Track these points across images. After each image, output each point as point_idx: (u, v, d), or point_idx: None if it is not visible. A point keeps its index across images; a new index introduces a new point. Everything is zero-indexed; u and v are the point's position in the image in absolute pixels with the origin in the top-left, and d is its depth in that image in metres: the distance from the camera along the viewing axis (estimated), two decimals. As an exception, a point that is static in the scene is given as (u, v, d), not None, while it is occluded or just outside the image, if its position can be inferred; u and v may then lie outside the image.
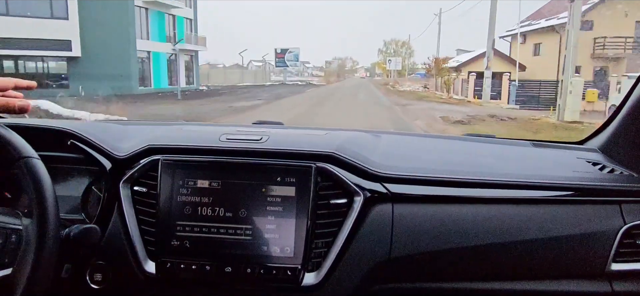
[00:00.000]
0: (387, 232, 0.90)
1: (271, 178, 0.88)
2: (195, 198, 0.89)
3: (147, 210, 0.91)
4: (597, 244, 0.91)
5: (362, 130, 1.20)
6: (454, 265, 0.92)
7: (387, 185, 0.93)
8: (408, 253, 0.89)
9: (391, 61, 48.08)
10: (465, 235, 0.90)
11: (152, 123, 1.29)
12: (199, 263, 0.87)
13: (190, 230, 0.88)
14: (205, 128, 1.17)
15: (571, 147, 1.27)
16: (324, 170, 0.89)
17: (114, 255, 0.91)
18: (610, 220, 0.92)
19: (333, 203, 0.89)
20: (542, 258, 0.91)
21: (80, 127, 1.02)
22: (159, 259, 0.88)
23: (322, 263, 0.87)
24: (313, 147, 0.94)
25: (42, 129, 1.03)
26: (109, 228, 0.92)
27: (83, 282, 0.92)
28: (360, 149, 0.99)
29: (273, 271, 0.86)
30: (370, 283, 0.90)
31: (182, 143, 0.96)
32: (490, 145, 1.24)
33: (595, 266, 0.91)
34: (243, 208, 0.88)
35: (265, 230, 0.87)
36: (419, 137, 1.35)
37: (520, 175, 0.97)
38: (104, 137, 1.01)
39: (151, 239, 0.90)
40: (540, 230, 0.90)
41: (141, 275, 0.89)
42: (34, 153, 0.75)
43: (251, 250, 0.87)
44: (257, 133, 1.00)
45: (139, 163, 0.94)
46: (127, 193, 0.93)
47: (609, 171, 1.04)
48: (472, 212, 0.92)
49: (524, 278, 0.93)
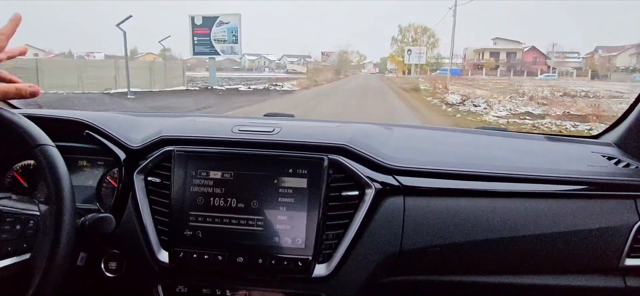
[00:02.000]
0: (398, 225, 0.89)
1: (283, 169, 0.89)
2: (207, 189, 0.90)
3: (161, 200, 0.92)
4: (611, 239, 0.90)
5: (374, 123, 1.20)
6: (465, 258, 0.91)
7: (399, 177, 0.92)
8: (419, 245, 0.89)
9: (411, 51, 36.65)
10: (477, 229, 0.90)
11: (165, 115, 1.30)
12: (211, 253, 0.88)
13: (202, 220, 0.89)
14: (217, 120, 1.18)
15: (586, 141, 1.26)
16: (335, 162, 0.90)
17: (128, 244, 0.93)
18: (624, 215, 0.91)
19: (344, 195, 0.89)
20: (554, 252, 0.90)
21: (95, 117, 1.03)
22: (172, 249, 0.89)
23: (333, 254, 0.88)
24: (325, 139, 0.94)
25: (58, 120, 1.04)
26: (124, 218, 0.94)
27: (98, 270, 0.93)
28: (372, 141, 0.99)
29: (284, 262, 0.86)
30: (381, 275, 0.90)
31: (195, 135, 0.97)
32: (503, 139, 1.23)
33: (609, 261, 0.90)
34: (255, 199, 0.88)
35: (277, 221, 0.87)
36: (430, 130, 1.34)
37: (534, 168, 0.96)
38: (118, 128, 1.02)
39: (164, 229, 0.91)
40: (553, 224, 0.90)
41: (154, 264, 0.90)
42: (50, 141, 0.76)
43: (263, 241, 0.87)
44: (269, 124, 1.01)
45: (152, 154, 0.95)
46: (141, 183, 0.94)
47: (624, 165, 1.02)
48: (484, 205, 0.92)
49: (537, 272, 0.92)
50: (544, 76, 35.27)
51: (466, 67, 39.31)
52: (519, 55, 43.29)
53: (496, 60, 43.21)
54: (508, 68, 41.66)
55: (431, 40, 42.82)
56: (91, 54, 38.22)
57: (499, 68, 42.01)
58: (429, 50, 40.99)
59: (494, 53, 43.91)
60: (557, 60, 40.53)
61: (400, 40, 45.04)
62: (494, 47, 44.37)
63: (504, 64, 42.81)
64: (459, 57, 40.83)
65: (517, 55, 43.37)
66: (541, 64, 41.34)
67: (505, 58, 43.49)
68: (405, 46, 40.65)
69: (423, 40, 42.53)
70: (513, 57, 43.40)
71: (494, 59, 43.39)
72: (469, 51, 45.24)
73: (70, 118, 1.03)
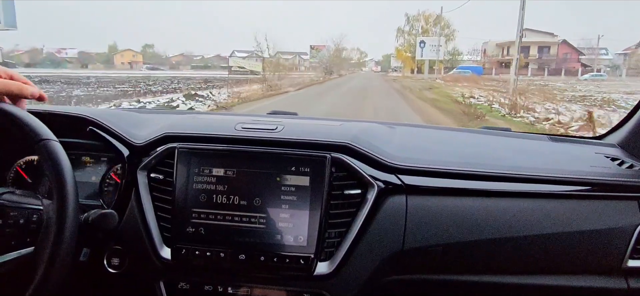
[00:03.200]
0: (400, 224, 0.89)
1: (286, 167, 0.89)
2: (210, 186, 0.90)
3: (164, 197, 0.92)
4: (613, 240, 0.90)
5: (377, 122, 1.20)
6: (468, 258, 0.91)
7: (402, 176, 0.92)
8: (421, 245, 0.89)
9: (424, 44, 30.15)
10: (480, 228, 0.90)
11: (168, 112, 1.30)
12: (214, 250, 0.88)
13: (205, 217, 0.89)
14: (220, 117, 1.18)
15: (590, 141, 1.25)
16: (338, 161, 0.90)
17: (130, 240, 0.93)
18: (628, 216, 0.90)
19: (347, 194, 0.89)
20: (557, 253, 0.90)
21: (98, 114, 1.04)
22: (174, 245, 0.89)
23: (335, 253, 0.88)
24: (328, 137, 0.94)
25: (61, 116, 1.04)
26: (126, 214, 0.94)
27: (101, 266, 0.94)
28: (375, 140, 0.99)
29: (286, 260, 0.86)
30: (383, 273, 0.90)
31: (198, 132, 0.97)
32: (507, 139, 1.23)
33: (612, 262, 0.90)
34: (257, 196, 0.88)
35: (279, 218, 0.88)
36: (434, 129, 1.34)
37: (537, 169, 0.96)
38: (122, 125, 1.02)
39: (167, 226, 0.91)
40: (556, 225, 0.89)
41: (157, 260, 0.90)
42: (53, 136, 0.77)
43: (265, 239, 0.87)
44: (272, 122, 1.01)
45: (155, 151, 0.95)
46: (144, 180, 0.94)
47: (628, 167, 1.02)
48: (487, 205, 0.92)
49: (539, 272, 0.92)
50: (590, 76, 28.54)
51: (486, 64, 32.80)
52: (553, 50, 34.99)
53: (526, 55, 34.01)
54: (540, 65, 34.02)
55: (446, 31, 34.93)
56: (63, 51, 36.41)
57: (529, 65, 33.78)
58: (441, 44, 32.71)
59: (522, 47, 33.63)
60: (589, 57, 33.99)
61: (408, 31, 37.27)
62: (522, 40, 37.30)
63: (534, 60, 34.73)
64: (476, 52, 34.43)
65: (551, 50, 35.15)
66: (573, 61, 34.62)
67: (537, 53, 35.40)
68: (416, 38, 33.55)
69: (435, 31, 34.67)
70: (546, 52, 35.27)
71: (523, 55, 32.83)
72: (490, 45, 37.18)
73: (73, 115, 1.03)
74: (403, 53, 38.88)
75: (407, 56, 37.69)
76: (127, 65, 40.74)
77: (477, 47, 36.25)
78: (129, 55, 42.14)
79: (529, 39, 33.70)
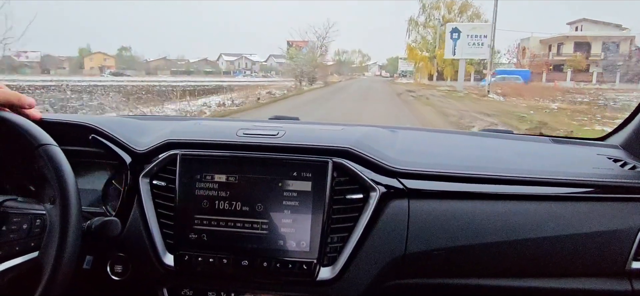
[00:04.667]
0: (403, 228, 0.89)
1: (287, 173, 0.89)
2: (212, 193, 0.90)
3: (166, 204, 0.93)
4: (617, 242, 0.89)
5: (379, 126, 1.20)
6: (470, 262, 0.91)
7: (404, 180, 0.92)
8: (424, 249, 0.89)
9: (458, 34, 19.38)
10: (483, 232, 0.89)
11: (169, 118, 1.30)
12: (217, 257, 0.88)
13: (207, 223, 0.89)
14: (222, 124, 1.18)
15: (592, 143, 1.25)
16: (340, 165, 0.90)
17: (133, 247, 0.93)
18: (631, 217, 0.90)
19: (349, 199, 0.89)
20: (560, 255, 0.90)
21: (100, 121, 1.04)
22: (177, 252, 0.90)
23: (338, 258, 0.88)
24: (329, 142, 0.94)
25: (63, 124, 1.05)
26: (129, 221, 0.94)
27: (104, 273, 0.94)
28: (377, 144, 0.99)
29: (289, 266, 0.86)
30: (385, 278, 0.90)
31: (200, 138, 0.97)
32: (508, 141, 1.22)
33: (615, 264, 0.90)
34: (260, 202, 0.88)
35: (282, 224, 0.88)
36: (435, 133, 1.34)
37: (539, 171, 0.95)
38: (124, 132, 1.03)
39: (170, 232, 0.91)
40: (559, 227, 0.89)
41: (160, 267, 0.90)
42: (52, 141, 0.77)
43: (267, 244, 0.87)
44: (273, 128, 1.01)
45: (157, 158, 0.95)
46: (146, 187, 0.95)
47: (631, 168, 1.01)
48: (489, 209, 0.91)
49: (542, 275, 0.92)
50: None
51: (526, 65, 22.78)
52: (624, 47, 22.66)
53: (585, 54, 24.87)
54: (608, 67, 22.30)
55: (476, 21, 24.13)
56: (22, 54, 31.42)
57: (590, 69, 24.11)
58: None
59: (580, 44, 25.21)
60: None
61: (424, 22, 26.52)
62: (578, 35, 25.39)
63: (599, 61, 24.15)
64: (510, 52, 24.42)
65: (621, 47, 23.02)
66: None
67: (601, 52, 24.38)
68: (436, 31, 23.20)
69: (456, 19, 24.71)
70: (614, 50, 23.22)
71: (582, 53, 24.88)
72: (532, 42, 26.72)
73: (75, 122, 1.04)
74: (417, 51, 27.43)
75: (423, 56, 26.91)
76: (97, 70, 35.60)
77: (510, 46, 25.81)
78: (99, 59, 37.11)
79: (589, 31, 25.49)
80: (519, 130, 8.73)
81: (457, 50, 19.74)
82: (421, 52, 27.50)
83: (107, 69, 34.77)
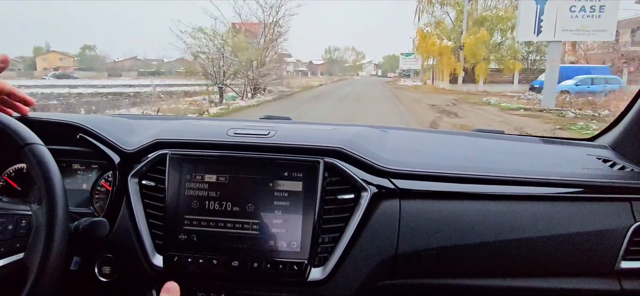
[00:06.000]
0: (394, 228, 0.89)
1: (278, 173, 0.88)
2: (202, 193, 0.89)
3: (155, 204, 0.92)
4: (606, 242, 0.90)
5: (370, 126, 1.20)
6: (461, 262, 0.91)
7: (395, 180, 0.92)
8: (415, 249, 0.89)
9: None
10: (473, 232, 0.89)
11: (159, 118, 1.29)
12: (206, 257, 0.87)
13: (197, 224, 0.88)
14: (212, 123, 1.17)
15: (581, 143, 1.26)
16: (331, 165, 0.89)
17: (122, 248, 0.92)
18: (620, 217, 0.91)
19: (340, 199, 0.89)
20: (550, 255, 0.90)
21: (88, 120, 1.03)
22: (166, 253, 0.89)
23: (329, 258, 0.87)
24: (320, 142, 0.94)
25: (50, 123, 1.03)
26: (118, 222, 0.93)
27: (92, 275, 0.93)
28: (368, 144, 0.99)
29: (280, 266, 0.86)
30: (377, 278, 0.90)
31: (190, 138, 0.97)
32: (499, 141, 1.23)
33: (605, 264, 0.90)
34: (250, 202, 0.88)
35: (272, 224, 0.87)
36: (427, 133, 1.34)
37: (529, 171, 0.96)
38: (112, 131, 1.01)
39: (159, 233, 0.90)
40: (549, 227, 0.90)
41: (149, 268, 0.89)
42: (39, 140, 0.76)
43: (258, 245, 0.87)
44: (264, 128, 1.00)
45: (147, 158, 0.94)
46: (135, 187, 0.93)
47: (620, 168, 1.02)
48: (480, 209, 0.92)
49: (532, 275, 0.92)
50: None
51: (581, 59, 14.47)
52: None
53: None
54: None
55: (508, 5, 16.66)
56: None
57: None
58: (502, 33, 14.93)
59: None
60: None
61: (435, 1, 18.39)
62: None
63: None
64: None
65: None
66: None
67: None
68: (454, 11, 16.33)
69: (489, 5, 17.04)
70: None
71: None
72: None
73: (63, 122, 1.02)
74: (434, 39, 18.77)
75: (442, 45, 18.23)
76: (51, 71, 30.84)
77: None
78: (53, 59, 32.57)
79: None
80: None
81: (545, 26, 10.40)
82: (440, 40, 18.63)
83: (53, 71, 30.34)
